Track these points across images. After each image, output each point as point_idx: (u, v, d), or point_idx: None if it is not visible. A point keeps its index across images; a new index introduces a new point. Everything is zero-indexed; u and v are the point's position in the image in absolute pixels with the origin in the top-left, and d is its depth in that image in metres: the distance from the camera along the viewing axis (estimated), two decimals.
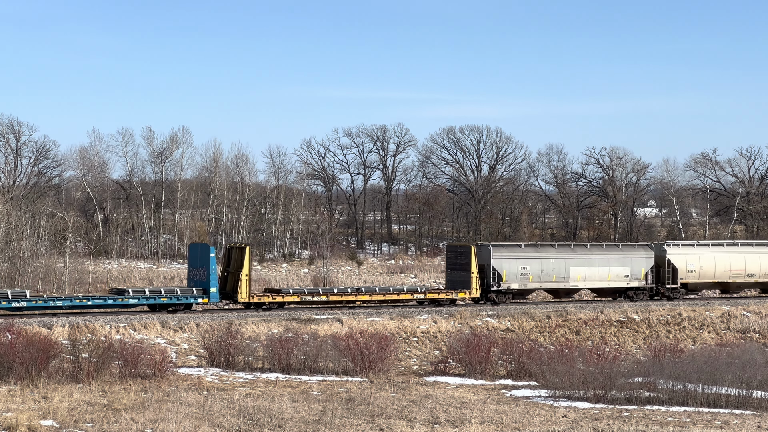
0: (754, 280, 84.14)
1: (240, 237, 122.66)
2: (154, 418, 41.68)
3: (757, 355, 56.59)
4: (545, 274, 77.42)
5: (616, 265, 79.59)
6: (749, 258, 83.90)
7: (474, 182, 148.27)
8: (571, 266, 78.22)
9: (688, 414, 46.68)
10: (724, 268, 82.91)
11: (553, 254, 78.51)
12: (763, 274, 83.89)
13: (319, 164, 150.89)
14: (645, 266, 79.97)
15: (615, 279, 79.47)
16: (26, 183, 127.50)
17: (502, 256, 76.45)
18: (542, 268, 77.31)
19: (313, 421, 42.69)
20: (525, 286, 77.12)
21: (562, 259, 78.23)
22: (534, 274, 77.01)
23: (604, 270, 79.21)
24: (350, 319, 67.80)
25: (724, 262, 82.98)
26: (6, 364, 50.77)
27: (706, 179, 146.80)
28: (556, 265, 77.90)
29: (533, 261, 77.20)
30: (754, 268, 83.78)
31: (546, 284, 78.03)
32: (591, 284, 79.69)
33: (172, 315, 66.86)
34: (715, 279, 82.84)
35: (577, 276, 78.27)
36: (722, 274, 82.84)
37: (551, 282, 77.89)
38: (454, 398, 49.89)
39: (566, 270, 78.04)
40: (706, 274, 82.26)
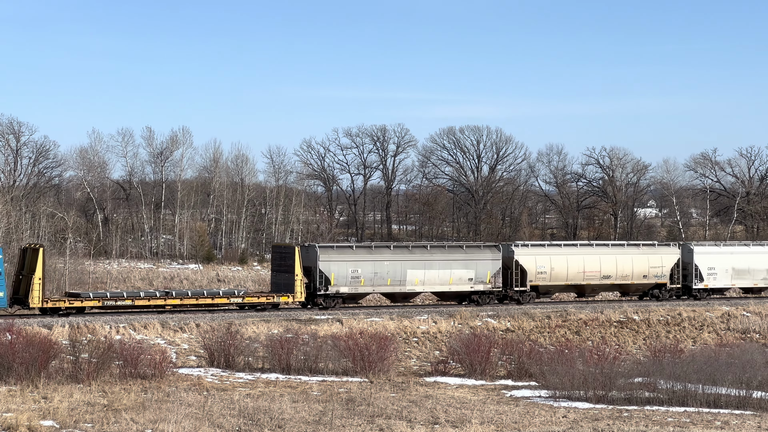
0: (610, 282, 79.46)
1: (240, 237, 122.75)
2: (154, 419, 41.68)
3: (757, 356, 56.57)
4: (379, 277, 72.47)
5: (459, 267, 74.74)
6: (605, 259, 79.17)
7: (474, 182, 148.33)
8: (408, 269, 73.32)
9: (688, 414, 46.67)
10: (578, 270, 78.11)
11: (388, 256, 73.62)
12: (620, 275, 79.19)
13: (319, 164, 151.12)
14: (491, 268, 75.32)
15: (458, 282, 74.56)
16: (26, 183, 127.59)
17: (330, 257, 71.64)
18: (375, 271, 72.38)
19: (313, 421, 42.69)
20: (356, 289, 72.33)
21: (398, 261, 73.42)
22: (366, 277, 72.10)
23: (446, 273, 74.35)
24: (350, 319, 67.82)
25: (578, 264, 78.16)
26: (6, 364, 50.76)
27: (706, 179, 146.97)
28: (392, 267, 73.03)
29: (365, 263, 72.37)
30: (610, 270, 78.91)
31: (380, 288, 73.25)
32: (431, 288, 74.90)
33: (172, 315, 66.82)
34: (569, 281, 78.09)
35: (414, 279, 73.40)
36: (576, 276, 78.07)
37: (386, 285, 73.01)
38: (454, 398, 49.89)
39: (403, 273, 73.20)
40: (558, 276, 77.53)
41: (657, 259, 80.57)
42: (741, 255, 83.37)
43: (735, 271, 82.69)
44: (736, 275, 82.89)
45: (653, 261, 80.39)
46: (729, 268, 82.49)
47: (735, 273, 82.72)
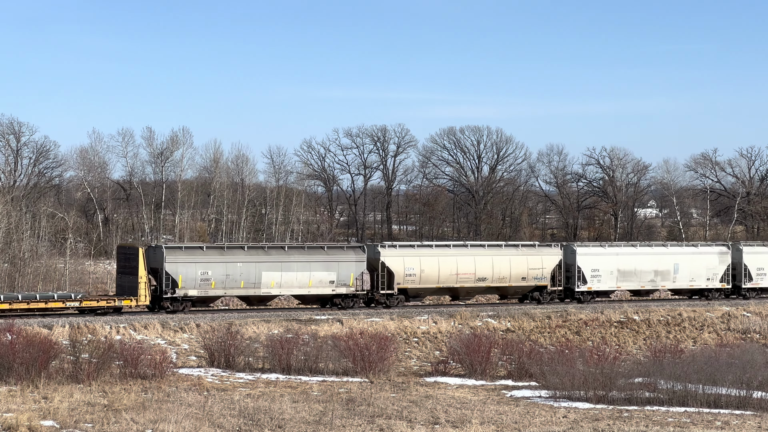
0: (486, 285, 75.44)
1: (240, 237, 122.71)
2: (155, 419, 41.69)
3: (758, 356, 56.57)
4: (231, 280, 68.75)
5: (320, 269, 70.97)
6: (480, 260, 75.18)
7: (474, 183, 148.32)
8: (263, 270, 69.63)
9: (689, 414, 46.67)
10: (450, 272, 74.09)
11: (242, 257, 69.76)
12: (497, 278, 75.27)
13: (320, 165, 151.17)
14: (355, 270, 71.74)
15: (318, 285, 70.89)
16: (26, 183, 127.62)
17: (178, 259, 67.77)
18: (227, 273, 68.69)
19: (313, 421, 42.69)
20: (206, 292, 68.46)
21: (253, 262, 69.57)
22: (217, 280, 68.38)
23: (305, 275, 70.67)
24: (350, 319, 67.80)
25: (450, 266, 74.16)
26: (6, 364, 50.78)
27: (706, 180, 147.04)
28: (245, 269, 69.30)
29: (217, 265, 68.58)
30: (485, 272, 75.05)
31: (233, 291, 69.60)
32: (289, 291, 71.26)
33: (172, 315, 66.83)
34: (440, 284, 74.04)
35: (270, 281, 69.68)
36: (448, 279, 74.09)
37: (239, 288, 69.27)
38: (455, 399, 49.89)
39: (257, 275, 69.48)
40: (428, 278, 73.58)
41: (537, 260, 76.72)
42: (627, 256, 79.69)
43: (621, 272, 78.88)
44: (622, 277, 78.95)
45: (533, 263, 76.54)
46: (614, 270, 78.67)
47: (621, 275, 78.88)
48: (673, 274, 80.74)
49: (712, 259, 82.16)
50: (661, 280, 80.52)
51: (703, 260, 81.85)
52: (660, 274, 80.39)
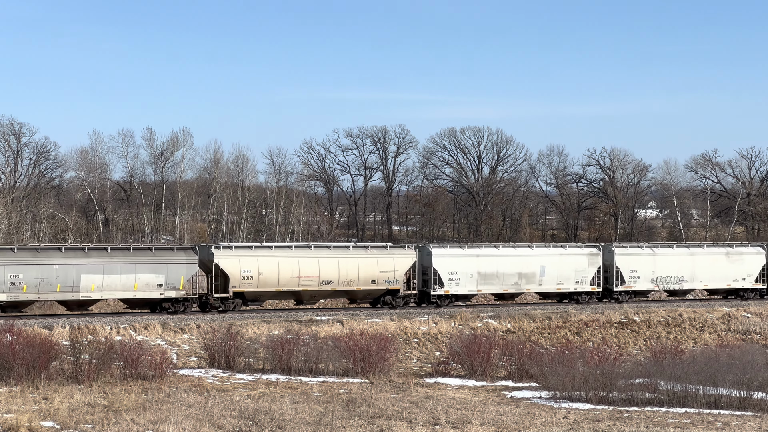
0: (332, 288, 71.51)
1: (241, 238, 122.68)
2: (155, 420, 41.69)
3: (758, 357, 56.61)
4: (46, 283, 64.57)
5: (147, 272, 67.12)
6: (325, 263, 71.30)
7: (474, 183, 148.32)
8: (82, 273, 65.52)
9: (689, 415, 46.67)
10: (292, 275, 70.47)
11: (59, 260, 65.51)
12: (344, 281, 71.45)
13: (320, 165, 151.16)
14: (186, 273, 67.96)
15: (145, 288, 66.93)
16: (27, 184, 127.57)
17: None
18: (42, 276, 64.50)
19: (313, 422, 42.70)
20: (17, 297, 64.25)
21: (71, 265, 65.40)
22: (30, 284, 64.24)
23: (129, 278, 66.65)
24: (350, 320, 67.81)
25: (292, 268, 70.50)
26: (6, 365, 50.79)
27: (706, 180, 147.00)
28: (62, 272, 65.11)
29: (29, 267, 64.40)
30: (331, 275, 71.23)
31: (47, 295, 65.34)
32: (111, 294, 67.33)
33: (172, 316, 66.84)
34: (281, 287, 70.38)
35: (90, 285, 65.61)
36: (290, 282, 70.48)
37: (55, 293, 65.17)
38: (455, 399, 49.90)
39: (76, 278, 65.35)
40: (267, 281, 70.00)
41: (388, 262, 72.88)
42: (489, 258, 75.89)
43: (481, 275, 75.21)
44: (483, 280, 75.31)
45: (384, 265, 72.68)
46: (474, 273, 74.98)
47: (481, 278, 75.24)
48: (539, 276, 76.89)
49: (582, 261, 78.36)
50: (526, 283, 76.60)
51: (571, 262, 78.00)
52: (525, 276, 76.58)
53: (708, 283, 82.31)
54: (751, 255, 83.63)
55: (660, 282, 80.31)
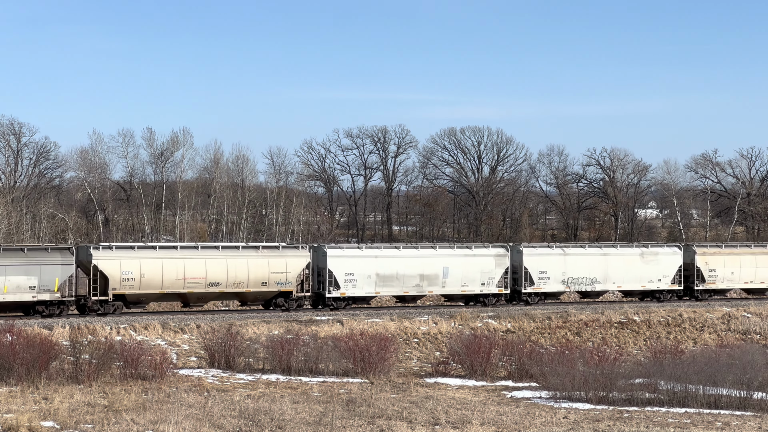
0: (220, 290, 68.61)
1: (241, 238, 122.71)
2: (155, 420, 41.70)
3: (758, 357, 56.59)
4: None
5: (17, 273, 63.61)
6: (213, 263, 68.38)
7: (475, 183, 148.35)
8: None
9: (689, 415, 46.68)
10: (177, 276, 67.28)
11: None
12: (233, 282, 68.59)
13: (320, 165, 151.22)
14: (61, 275, 64.70)
15: (16, 291, 63.71)
16: (27, 184, 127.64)
17: None
18: None
19: (313, 422, 42.70)
20: None
21: None
22: None
23: None
24: (350, 320, 67.80)
25: (177, 269, 67.40)
26: (7, 365, 50.81)
27: (706, 180, 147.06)
28: None
29: None
30: (219, 276, 68.26)
31: None
32: None
33: (172, 316, 66.82)
34: (165, 289, 67.28)
35: None
36: (175, 284, 67.28)
37: None
38: (455, 399, 49.91)
39: None
40: (150, 283, 66.73)
41: (280, 263, 70.08)
42: (388, 259, 73.23)
43: (380, 277, 72.58)
44: (382, 282, 72.67)
45: (276, 266, 69.93)
46: (372, 275, 72.30)
47: (380, 279, 72.62)
48: (442, 278, 74.21)
49: (488, 262, 75.57)
50: (428, 285, 73.93)
51: (477, 263, 75.23)
52: (427, 278, 73.87)
53: (622, 284, 79.96)
54: (667, 255, 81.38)
55: (571, 283, 77.94)
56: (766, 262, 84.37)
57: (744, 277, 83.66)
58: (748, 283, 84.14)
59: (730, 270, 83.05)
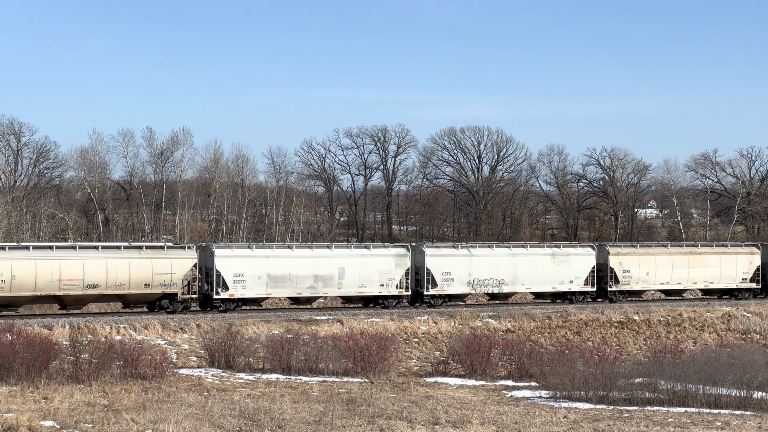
0: (99, 292, 65.90)
1: (241, 238, 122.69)
2: (155, 419, 41.71)
3: (758, 356, 56.64)
4: None
5: None
6: (91, 265, 65.43)
7: (474, 183, 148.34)
8: None
9: (689, 415, 46.69)
10: (52, 278, 64.59)
11: None
12: (113, 284, 65.87)
13: (320, 165, 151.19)
14: None
15: None
16: (27, 184, 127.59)
17: None
18: None
19: (313, 421, 42.71)
20: None
21: None
22: None
23: None
24: (351, 319, 67.81)
25: (52, 270, 64.70)
26: (7, 364, 50.82)
27: (706, 180, 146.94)
28: None
29: None
30: (98, 278, 65.38)
31: None
32: None
33: (172, 316, 66.85)
34: (39, 291, 64.44)
35: None
36: (49, 286, 64.53)
37: None
38: (455, 399, 49.91)
39: None
40: (22, 285, 63.88)
41: (165, 264, 67.47)
42: (280, 259, 70.71)
43: (272, 278, 70.18)
44: (274, 283, 70.30)
45: (159, 267, 67.33)
46: (263, 275, 69.88)
47: (272, 280, 70.24)
48: (338, 279, 71.71)
49: (387, 263, 73.16)
50: (323, 286, 71.42)
51: (376, 263, 72.77)
52: (322, 279, 71.37)
53: (531, 285, 77.07)
54: (579, 256, 78.67)
55: (477, 285, 75.36)
56: (683, 263, 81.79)
57: (660, 277, 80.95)
58: (664, 284, 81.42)
59: (645, 271, 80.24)
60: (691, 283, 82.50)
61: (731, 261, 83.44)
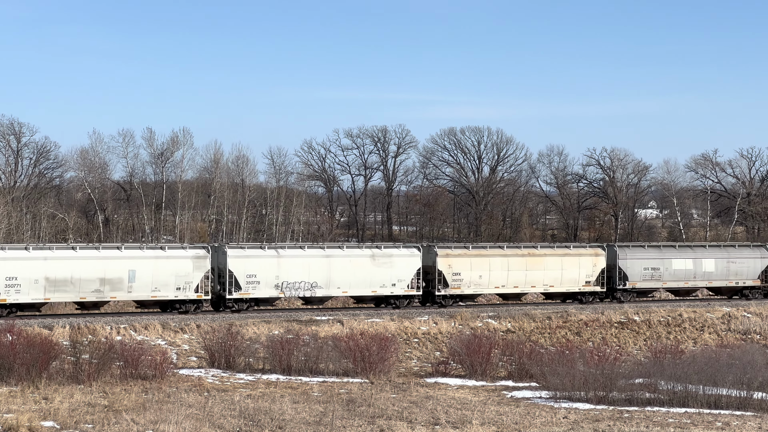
0: None
1: (241, 238, 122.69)
2: (155, 419, 41.71)
3: (758, 357, 56.62)
4: None
5: None
6: None
7: (475, 183, 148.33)
8: None
9: (689, 415, 46.69)
10: None
11: None
12: None
13: (320, 165, 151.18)
14: None
15: None
16: (27, 184, 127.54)
17: None
18: None
19: (313, 422, 42.72)
20: None
21: None
22: None
23: None
24: (351, 320, 67.81)
25: None
26: (7, 365, 50.84)
27: (706, 180, 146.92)
28: None
29: None
30: None
31: None
32: None
33: (173, 316, 66.86)
34: None
35: None
36: None
37: None
38: (455, 399, 49.92)
39: None
40: None
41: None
42: (60, 261, 65.75)
43: (51, 281, 65.22)
44: (54, 287, 65.37)
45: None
46: (41, 279, 64.92)
47: (51, 284, 65.25)
48: (128, 282, 67.04)
49: (185, 265, 68.60)
50: (110, 290, 66.63)
51: (171, 265, 68.20)
52: (109, 282, 66.55)
53: (349, 288, 72.73)
54: (403, 258, 73.93)
55: (287, 288, 70.88)
56: (519, 265, 77.17)
57: (494, 281, 76.29)
58: (499, 288, 76.85)
59: (477, 273, 75.56)
60: (530, 286, 77.80)
61: (573, 263, 78.61)
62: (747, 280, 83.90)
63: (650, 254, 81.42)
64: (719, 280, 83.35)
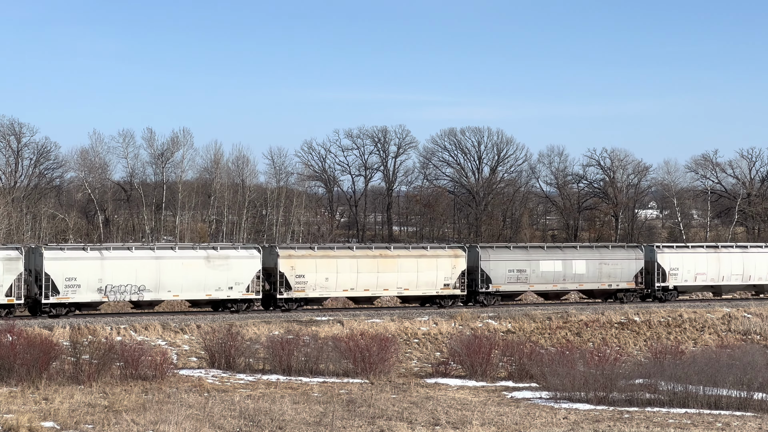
0: None
1: (241, 238, 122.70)
2: (155, 420, 41.71)
3: (758, 357, 56.59)
4: None
5: None
6: None
7: (475, 184, 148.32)
8: None
9: (689, 416, 46.68)
10: None
11: None
12: None
13: (320, 166, 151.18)
14: None
15: None
16: (27, 184, 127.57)
17: None
18: None
19: (313, 422, 42.72)
20: None
21: None
22: None
23: None
24: (351, 320, 67.81)
25: None
26: (7, 365, 50.83)
27: (707, 181, 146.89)
28: None
29: None
30: None
31: None
32: None
33: (172, 316, 66.85)
34: None
35: None
36: None
37: None
38: (455, 400, 49.91)
39: None
40: None
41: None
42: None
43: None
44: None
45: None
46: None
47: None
48: None
49: None
50: None
51: None
52: None
53: (180, 292, 69.17)
54: (241, 259, 70.74)
55: (112, 292, 66.94)
56: (370, 267, 74.21)
57: (342, 283, 73.14)
58: (348, 291, 73.78)
59: (324, 276, 72.50)
60: (382, 289, 74.72)
61: (431, 265, 75.52)
62: (621, 282, 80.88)
63: (516, 255, 78.24)
64: (591, 282, 79.88)
